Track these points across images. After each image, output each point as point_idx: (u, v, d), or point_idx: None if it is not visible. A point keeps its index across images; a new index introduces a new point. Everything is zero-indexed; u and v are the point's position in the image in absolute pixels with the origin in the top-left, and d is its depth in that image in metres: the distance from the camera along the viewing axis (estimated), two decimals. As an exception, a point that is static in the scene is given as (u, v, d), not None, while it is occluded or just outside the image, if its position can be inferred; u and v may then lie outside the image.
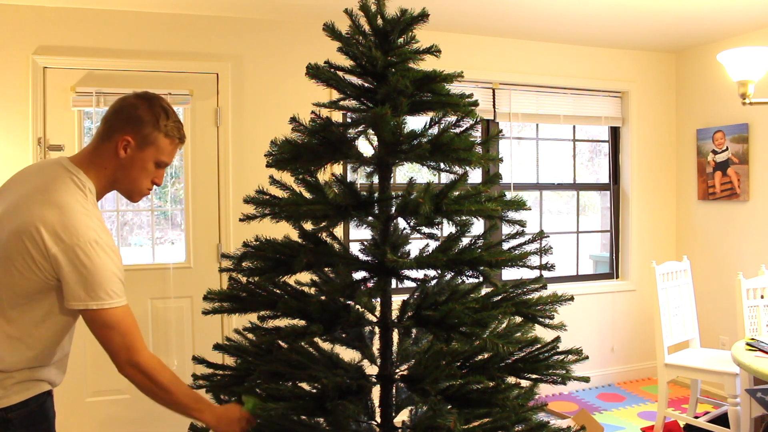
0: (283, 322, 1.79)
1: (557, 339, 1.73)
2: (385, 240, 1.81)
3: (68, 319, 1.51)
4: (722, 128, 4.26)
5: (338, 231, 3.71)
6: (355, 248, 1.95)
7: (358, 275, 1.80)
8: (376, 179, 1.83)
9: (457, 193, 1.72)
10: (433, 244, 1.82)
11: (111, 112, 1.56)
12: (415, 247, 1.83)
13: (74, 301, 1.41)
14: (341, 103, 1.85)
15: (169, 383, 1.52)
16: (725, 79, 4.17)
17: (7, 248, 1.41)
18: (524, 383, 1.73)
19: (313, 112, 1.78)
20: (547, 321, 1.72)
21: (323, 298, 1.81)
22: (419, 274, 1.78)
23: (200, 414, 1.58)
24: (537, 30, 4.01)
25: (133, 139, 1.53)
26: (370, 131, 1.75)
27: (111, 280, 1.43)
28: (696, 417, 3.46)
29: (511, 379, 1.69)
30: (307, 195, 1.78)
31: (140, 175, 1.58)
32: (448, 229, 1.77)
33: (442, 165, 1.76)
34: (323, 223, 1.74)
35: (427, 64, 1.76)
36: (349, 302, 1.82)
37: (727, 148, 4.22)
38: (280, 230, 2.14)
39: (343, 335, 1.93)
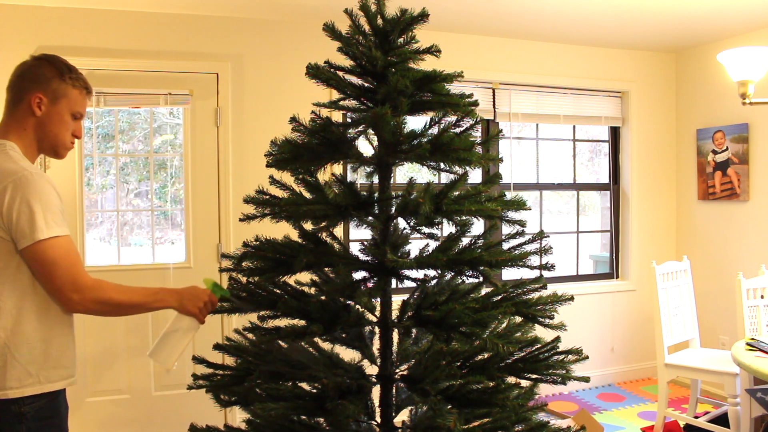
0: (283, 322, 1.79)
1: (557, 339, 1.73)
2: (385, 240, 1.81)
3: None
4: (722, 128, 4.26)
5: (338, 231, 3.71)
6: (355, 248, 1.95)
7: (358, 275, 1.80)
8: (376, 179, 1.83)
9: (457, 193, 1.72)
10: (433, 244, 1.82)
11: (15, 78, 1.62)
12: (415, 247, 1.83)
13: (21, 240, 1.44)
14: (341, 103, 1.85)
15: (119, 296, 1.54)
16: (725, 79, 4.17)
17: None
18: (524, 383, 1.73)
19: (313, 112, 1.78)
20: (547, 321, 1.72)
21: (323, 298, 1.81)
22: (419, 274, 1.78)
23: (163, 303, 1.62)
24: (537, 30, 4.01)
25: (44, 96, 1.58)
26: (370, 131, 1.75)
27: (49, 209, 1.47)
28: (696, 417, 3.46)
29: (511, 379, 1.69)
30: (307, 195, 1.79)
31: (60, 128, 1.62)
32: (448, 229, 1.77)
33: (442, 165, 1.76)
34: (323, 223, 1.74)
35: (427, 64, 1.76)
36: (349, 302, 1.83)
37: (727, 148, 4.22)
38: (280, 230, 2.14)
39: (343, 335, 1.93)
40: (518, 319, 1.79)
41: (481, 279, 1.75)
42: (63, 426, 1.57)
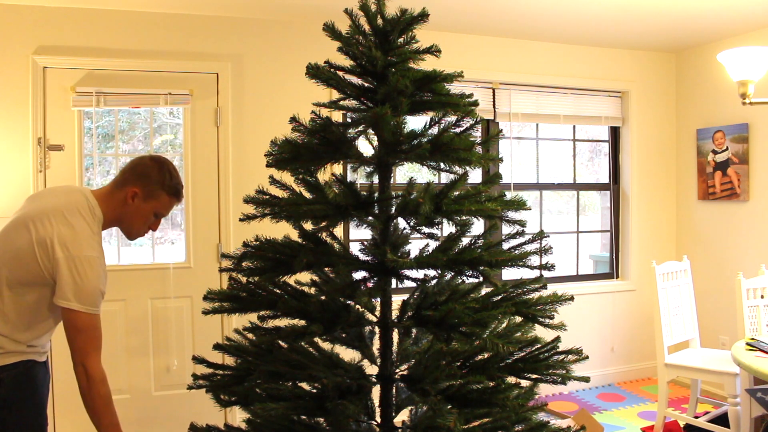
0: (283, 322, 1.79)
1: (557, 339, 1.73)
2: (385, 240, 1.81)
3: (51, 314, 1.81)
4: (722, 128, 4.26)
5: (338, 231, 3.71)
6: (355, 248, 1.95)
7: (358, 275, 1.80)
8: (376, 179, 1.83)
9: (457, 193, 1.72)
10: (433, 244, 1.82)
11: (128, 167, 1.92)
12: (415, 247, 1.83)
13: (62, 299, 1.72)
14: (341, 103, 1.85)
15: (101, 398, 1.75)
16: (725, 79, 4.17)
17: (21, 246, 1.75)
18: (524, 383, 1.73)
19: (313, 112, 1.78)
20: (547, 321, 1.72)
21: (323, 298, 1.81)
22: (419, 274, 1.78)
23: None
24: (537, 30, 4.01)
25: (140, 191, 1.88)
26: (370, 131, 1.75)
27: (93, 293, 1.74)
28: (696, 417, 3.46)
29: (511, 379, 1.69)
30: (307, 195, 1.78)
31: (141, 221, 1.93)
32: (448, 229, 1.77)
33: (442, 165, 1.76)
34: (323, 223, 1.74)
35: (427, 64, 1.76)
36: (349, 302, 1.82)
37: (727, 148, 4.22)
38: (280, 230, 2.14)
39: (343, 335, 1.93)
40: (518, 319, 1.79)
41: (481, 279, 1.74)
42: (38, 391, 1.81)
